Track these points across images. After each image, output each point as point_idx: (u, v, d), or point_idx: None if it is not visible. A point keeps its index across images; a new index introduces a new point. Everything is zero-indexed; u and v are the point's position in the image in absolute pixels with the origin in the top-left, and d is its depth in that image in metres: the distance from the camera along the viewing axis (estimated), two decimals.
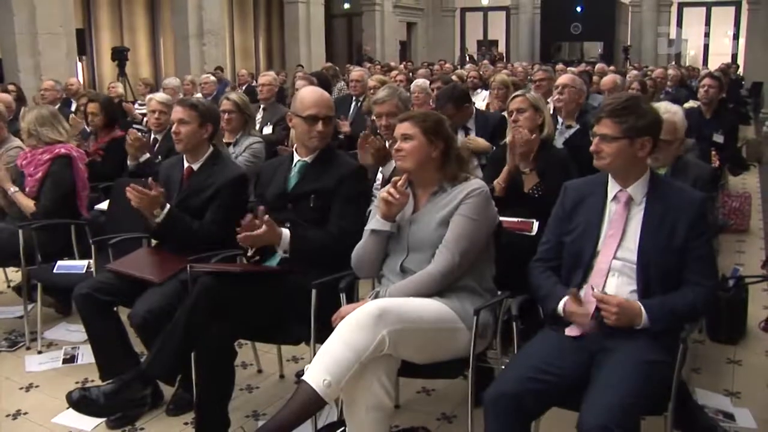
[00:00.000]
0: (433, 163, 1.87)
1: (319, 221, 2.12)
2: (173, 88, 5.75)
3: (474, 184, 1.85)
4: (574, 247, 1.74)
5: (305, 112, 2.16)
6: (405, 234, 1.87)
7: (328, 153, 2.23)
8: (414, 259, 1.84)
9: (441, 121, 1.91)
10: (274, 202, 2.19)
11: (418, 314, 1.68)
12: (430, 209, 1.86)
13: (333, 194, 2.12)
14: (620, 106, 1.66)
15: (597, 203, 1.73)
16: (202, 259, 2.17)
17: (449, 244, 1.79)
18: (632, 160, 1.68)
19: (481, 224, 1.82)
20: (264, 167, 2.43)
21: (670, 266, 1.64)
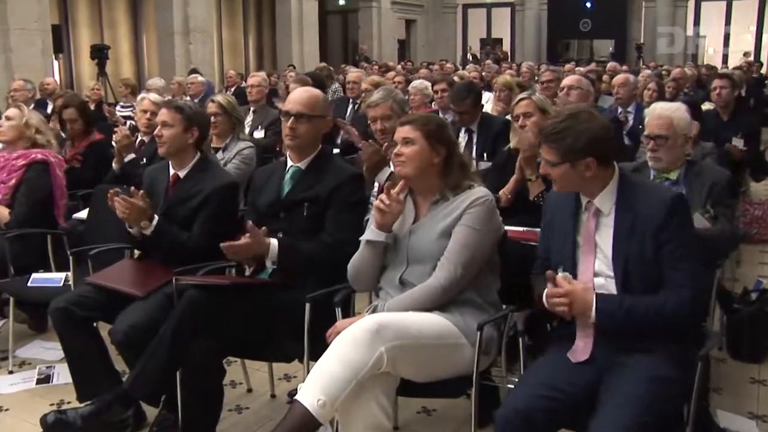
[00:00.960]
0: (435, 169, 1.89)
1: (313, 230, 2.15)
2: (158, 89, 5.76)
3: (477, 192, 1.87)
4: (555, 261, 1.76)
5: (282, 109, 2.23)
6: (404, 245, 1.89)
7: (324, 158, 2.26)
8: (414, 271, 1.86)
9: (443, 125, 1.94)
10: (267, 211, 2.22)
11: (418, 330, 1.70)
12: (431, 219, 1.88)
13: (328, 202, 2.15)
14: (555, 130, 1.67)
15: (571, 215, 1.74)
16: (189, 271, 2.18)
17: (451, 255, 1.81)
18: (582, 180, 1.68)
19: (485, 235, 1.84)
20: (256, 174, 2.46)
21: (652, 279, 1.61)
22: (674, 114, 2.41)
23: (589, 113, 1.71)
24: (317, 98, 2.24)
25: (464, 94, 3.55)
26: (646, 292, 1.61)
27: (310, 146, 2.23)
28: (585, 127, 1.65)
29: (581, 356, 1.66)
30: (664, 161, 2.41)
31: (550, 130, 1.69)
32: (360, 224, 2.21)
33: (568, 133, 1.65)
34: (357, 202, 2.21)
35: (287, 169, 2.26)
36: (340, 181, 2.16)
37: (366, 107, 2.97)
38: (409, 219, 1.92)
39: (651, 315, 1.58)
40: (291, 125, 2.16)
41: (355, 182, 2.20)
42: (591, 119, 1.67)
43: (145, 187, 2.51)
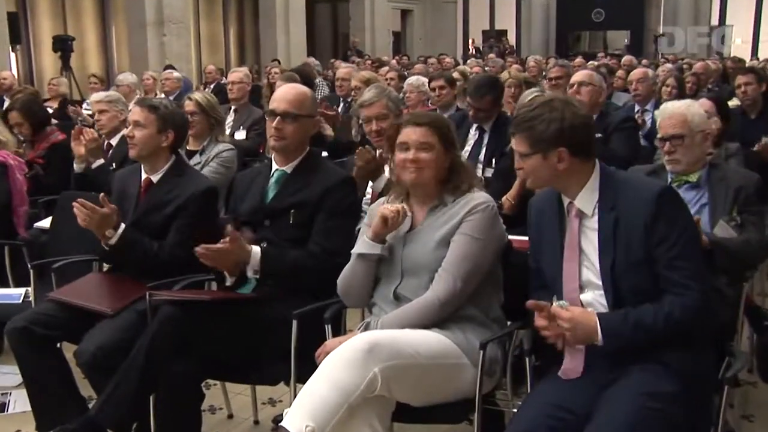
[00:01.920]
0: (440, 174, 1.93)
1: (300, 240, 2.17)
2: (129, 85, 5.76)
3: (478, 197, 1.89)
4: (546, 274, 1.77)
5: (268, 108, 2.26)
6: (398, 256, 1.91)
7: (312, 161, 2.28)
8: (409, 284, 1.88)
9: (451, 126, 2.00)
10: (249, 218, 2.24)
11: (415, 349, 1.72)
12: (428, 227, 1.90)
13: (316, 208, 2.17)
14: (525, 118, 1.68)
15: (554, 219, 1.74)
16: (164, 285, 2.20)
17: (449, 267, 1.83)
18: (557, 174, 1.67)
19: (486, 244, 1.86)
20: (238, 178, 2.48)
21: (644, 284, 1.59)
22: (687, 110, 2.41)
23: (564, 101, 1.72)
24: (305, 96, 2.27)
25: (484, 91, 3.49)
26: (639, 300, 1.59)
27: (297, 148, 2.25)
28: (557, 115, 1.66)
29: (572, 374, 1.67)
30: (682, 163, 2.41)
31: (520, 118, 1.70)
32: (351, 233, 2.23)
33: (538, 121, 1.66)
34: (348, 208, 2.23)
35: (272, 173, 2.28)
36: (330, 185, 2.18)
37: (358, 107, 3.00)
38: (404, 227, 1.94)
39: (660, 325, 1.56)
40: (277, 125, 2.19)
41: (346, 187, 2.23)
42: (565, 107, 1.68)
43: (115, 193, 2.52)
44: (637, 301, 1.60)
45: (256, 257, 2.09)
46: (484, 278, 1.87)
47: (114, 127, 3.56)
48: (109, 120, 3.57)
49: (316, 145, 3.89)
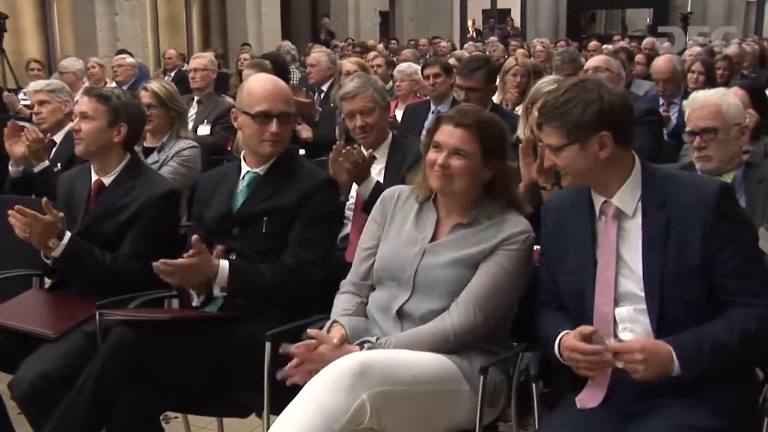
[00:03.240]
0: (478, 188, 1.93)
1: (274, 251, 2.17)
2: (74, 72, 5.74)
3: (517, 224, 1.89)
4: (570, 287, 1.77)
5: (255, 108, 2.21)
6: (413, 267, 1.91)
7: (287, 162, 2.29)
8: (419, 303, 1.89)
9: (504, 134, 1.96)
10: (216, 227, 2.25)
11: (411, 373, 1.73)
12: (453, 242, 1.91)
13: (292, 215, 2.18)
14: (555, 104, 1.68)
15: (583, 222, 1.74)
16: (117, 303, 2.19)
17: (473, 298, 1.83)
18: (597, 165, 1.67)
19: (518, 280, 1.88)
20: (202, 180, 2.49)
21: (695, 296, 1.59)
22: (721, 100, 2.41)
23: (596, 81, 1.73)
24: (289, 91, 2.30)
25: (477, 65, 3.54)
26: (688, 315, 1.60)
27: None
28: (593, 95, 1.65)
29: (591, 403, 1.68)
30: (714, 160, 2.41)
31: (550, 106, 1.69)
32: (332, 243, 2.25)
33: (572, 105, 1.65)
34: (329, 215, 2.25)
35: (242, 175, 2.29)
36: (308, 189, 2.20)
37: (340, 100, 3.01)
38: (426, 235, 1.95)
39: (735, 342, 1.54)
40: (278, 130, 2.19)
41: (326, 190, 2.24)
42: (600, 86, 1.68)
43: (60, 198, 2.51)
44: (687, 315, 1.60)
45: (224, 272, 2.09)
46: (505, 313, 1.91)
47: (57, 120, 3.53)
48: (51, 113, 3.53)
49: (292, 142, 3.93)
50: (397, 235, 1.98)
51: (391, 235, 1.99)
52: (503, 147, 1.93)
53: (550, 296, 1.85)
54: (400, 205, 2.02)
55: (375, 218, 2.05)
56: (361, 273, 2.02)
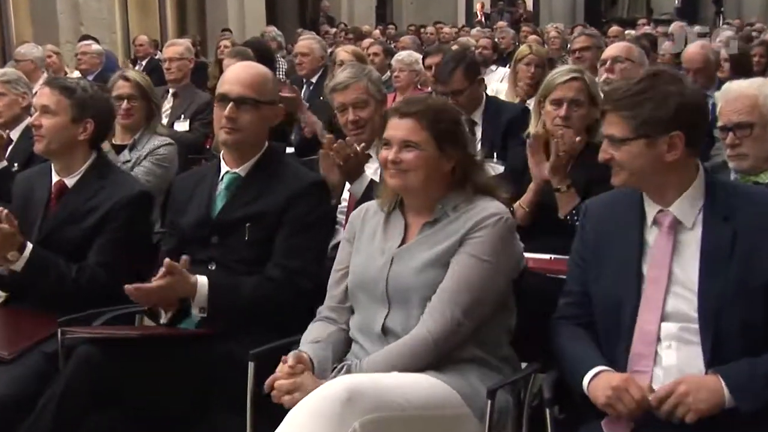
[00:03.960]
0: (440, 181, 1.94)
1: (257, 261, 2.18)
2: (33, 60, 5.69)
3: (488, 207, 1.91)
4: (606, 301, 1.78)
5: (217, 92, 2.27)
6: (382, 278, 1.93)
7: (272, 160, 2.31)
8: (400, 316, 1.90)
9: (458, 119, 1.99)
10: (193, 234, 2.26)
11: (404, 397, 1.74)
12: (421, 244, 1.93)
13: (278, 221, 2.19)
14: (630, 92, 1.70)
15: (631, 231, 1.77)
16: (81, 319, 2.20)
17: (446, 295, 1.85)
18: (660, 167, 1.70)
19: (496, 268, 1.88)
20: (178, 182, 2.50)
21: (755, 318, 1.63)
22: (758, 91, 2.43)
23: (672, 75, 1.75)
24: (265, 78, 2.30)
25: (452, 66, 3.55)
26: (746, 339, 1.62)
27: (253, 144, 2.28)
28: (673, 89, 1.67)
29: (620, 429, 1.69)
30: (750, 158, 2.43)
31: (622, 93, 1.71)
32: (322, 250, 2.26)
33: (648, 96, 1.67)
34: (318, 220, 2.26)
35: (221, 175, 2.30)
36: (296, 191, 2.21)
37: (330, 91, 3.03)
38: (394, 241, 1.97)
39: None
40: (230, 114, 2.21)
41: (316, 193, 2.26)
42: (676, 81, 1.71)
43: (17, 201, 2.52)
44: (742, 339, 1.63)
45: (203, 291, 2.10)
46: (491, 310, 1.90)
47: (13, 115, 3.52)
48: (6, 106, 3.52)
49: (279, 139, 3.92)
50: (366, 249, 2.01)
51: (361, 250, 2.02)
52: (457, 133, 1.96)
53: (574, 309, 1.86)
54: (369, 219, 2.05)
55: (345, 237, 2.09)
56: (337, 296, 2.04)
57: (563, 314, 1.89)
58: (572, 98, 2.71)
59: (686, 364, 1.68)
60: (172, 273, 2.05)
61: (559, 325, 1.88)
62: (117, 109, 3.19)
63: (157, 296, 2.08)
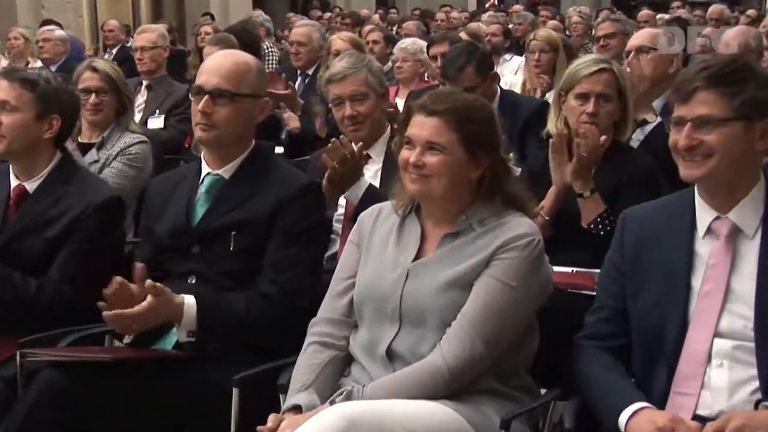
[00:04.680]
0: (465, 188, 1.95)
1: (244, 274, 2.20)
2: None
3: (518, 226, 1.92)
4: (648, 317, 1.80)
5: (194, 84, 2.30)
6: (396, 293, 1.93)
7: (259, 162, 2.32)
8: (409, 338, 1.91)
9: (491, 118, 1.99)
10: (171, 244, 2.27)
11: (407, 427, 1.74)
12: (441, 259, 1.93)
13: (267, 229, 2.20)
14: (729, 69, 1.70)
15: (679, 241, 1.80)
16: (45, 340, 2.20)
17: (468, 323, 1.85)
18: (745, 159, 1.71)
19: (524, 296, 1.89)
20: (154, 186, 2.52)
21: None
22: None
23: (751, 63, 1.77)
24: (248, 67, 2.31)
25: (462, 61, 3.58)
26: None
27: (236, 142, 2.29)
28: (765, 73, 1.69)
29: None
30: None
31: (719, 68, 1.71)
32: (317, 263, 2.27)
33: (751, 74, 1.68)
34: (312, 227, 2.26)
35: (202, 178, 2.32)
36: (287, 196, 2.22)
37: (326, 83, 3.04)
38: (409, 252, 1.97)
39: None
40: (205, 108, 2.22)
41: (309, 198, 2.27)
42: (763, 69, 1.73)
43: None
44: None
45: (191, 313, 2.10)
46: (514, 339, 1.91)
47: None
48: None
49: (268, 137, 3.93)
50: (377, 258, 2.00)
51: (370, 258, 2.01)
52: (490, 135, 1.96)
53: (606, 327, 1.88)
54: (381, 223, 2.04)
55: (352, 240, 2.08)
56: (338, 308, 2.02)
57: (592, 333, 1.90)
58: (600, 92, 2.72)
59: (738, 386, 1.70)
60: (156, 294, 2.05)
61: (586, 349, 1.89)
62: (84, 103, 3.20)
63: (140, 322, 2.07)
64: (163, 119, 4.43)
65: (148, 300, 2.04)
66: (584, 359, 1.88)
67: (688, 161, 1.74)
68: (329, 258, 2.63)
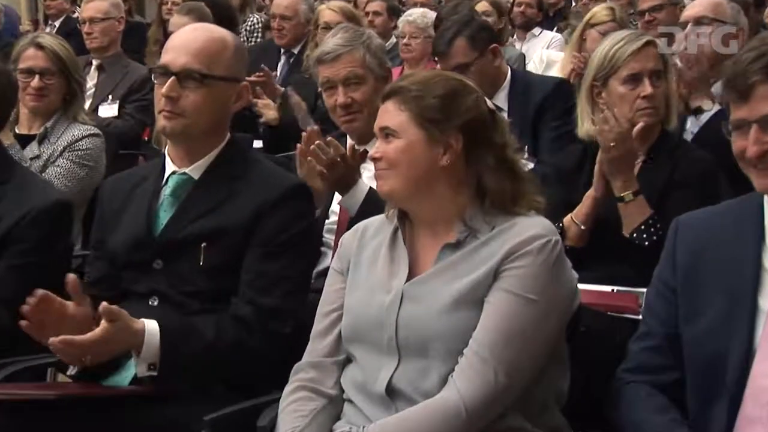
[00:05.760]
0: (446, 181, 1.97)
1: (217, 294, 2.21)
2: None
3: (529, 226, 1.93)
4: (705, 344, 1.81)
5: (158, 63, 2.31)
6: (390, 320, 1.94)
7: (235, 158, 2.33)
8: (412, 371, 1.91)
9: (458, 90, 2.00)
10: (129, 259, 2.28)
11: None
12: (440, 275, 1.95)
13: (245, 239, 2.21)
14: None
15: (744, 254, 1.81)
16: None
17: (483, 348, 1.85)
18: None
19: (545, 309, 1.89)
20: (107, 188, 2.52)
21: None
22: None
23: None
24: (223, 44, 2.32)
25: (451, 33, 3.59)
26: None
27: (208, 135, 2.31)
28: None
29: None
30: None
31: None
32: (305, 278, 2.29)
33: None
34: (298, 238, 2.27)
35: (166, 178, 2.33)
36: (268, 199, 2.23)
37: (316, 63, 3.04)
38: (401, 272, 1.99)
39: None
40: (170, 92, 2.23)
41: (294, 202, 2.28)
42: None
43: None
44: None
45: (153, 342, 2.10)
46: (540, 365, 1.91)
47: None
48: None
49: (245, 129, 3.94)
50: (366, 281, 2.02)
51: (358, 283, 2.03)
52: (454, 108, 1.96)
53: (654, 358, 1.89)
54: (368, 241, 2.06)
55: (335, 267, 2.10)
56: (324, 349, 2.03)
57: (637, 365, 1.91)
58: (653, 69, 2.75)
59: None
60: (112, 319, 2.04)
61: (632, 385, 1.90)
62: (24, 86, 3.23)
63: (92, 352, 2.07)
64: (117, 106, 4.44)
65: (102, 326, 2.03)
66: (629, 399, 1.89)
67: (762, 169, 1.76)
68: (319, 275, 2.62)
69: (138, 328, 2.10)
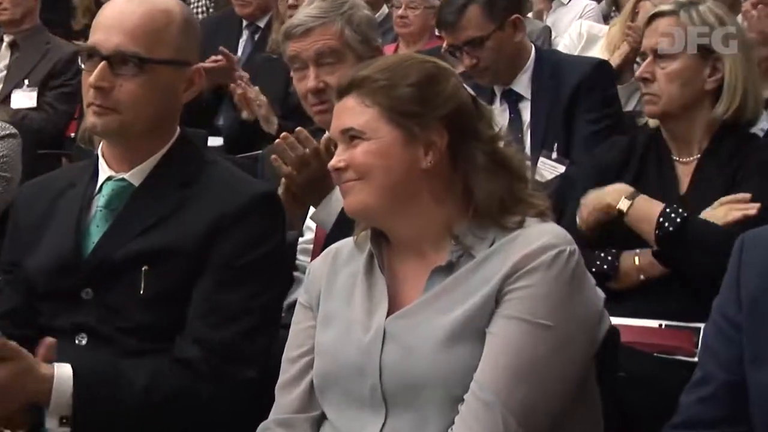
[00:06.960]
0: (429, 188, 1.99)
1: (158, 331, 2.21)
2: None
3: (539, 235, 1.95)
4: None
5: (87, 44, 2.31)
6: (373, 368, 1.96)
7: (186, 160, 2.36)
8: (404, 426, 1.94)
9: (435, 78, 2.02)
10: (51, 286, 2.29)
11: None
12: (431, 304, 1.97)
13: (197, 263, 2.23)
14: None
15: None
16: None
17: (488, 391, 1.87)
18: None
19: (563, 337, 1.91)
20: (22, 198, 2.54)
21: None
22: None
23: None
24: (169, 18, 2.33)
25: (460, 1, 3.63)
26: None
27: (151, 132, 2.33)
28: None
29: None
30: None
31: None
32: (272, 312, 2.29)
33: None
34: (263, 260, 2.28)
35: (99, 185, 2.35)
36: (228, 212, 2.25)
37: (284, 38, 3.05)
38: (381, 307, 2.01)
39: None
40: (99, 80, 2.23)
41: (260, 215, 2.30)
42: None
43: None
44: None
45: (64, 390, 2.09)
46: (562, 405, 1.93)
47: None
48: None
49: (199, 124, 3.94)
50: (341, 317, 2.04)
51: (331, 318, 2.05)
52: (432, 98, 1.99)
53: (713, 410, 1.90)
54: (341, 267, 2.09)
55: (302, 302, 2.13)
56: (292, 403, 2.06)
57: (691, 418, 1.92)
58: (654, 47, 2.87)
59: None
60: (10, 357, 2.04)
61: None
62: None
63: None
64: (35, 94, 4.44)
65: None
66: None
67: None
68: (290, 306, 2.62)
69: (45, 372, 2.09)
